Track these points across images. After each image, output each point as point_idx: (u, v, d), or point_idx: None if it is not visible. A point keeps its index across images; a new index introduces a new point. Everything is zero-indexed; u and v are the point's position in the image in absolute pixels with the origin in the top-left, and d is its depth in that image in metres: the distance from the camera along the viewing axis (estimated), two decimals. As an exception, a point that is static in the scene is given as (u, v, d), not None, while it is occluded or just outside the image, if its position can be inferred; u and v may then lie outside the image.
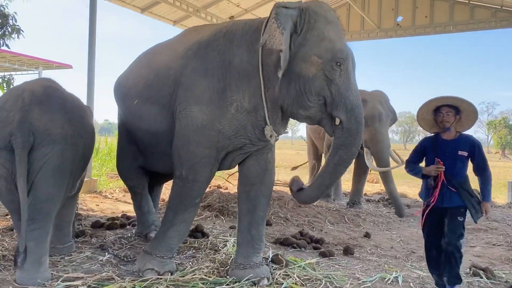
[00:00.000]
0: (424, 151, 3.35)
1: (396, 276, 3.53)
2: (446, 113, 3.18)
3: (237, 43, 3.10)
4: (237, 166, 3.50)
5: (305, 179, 10.19)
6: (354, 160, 7.37)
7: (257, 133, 3.13)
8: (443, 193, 3.15)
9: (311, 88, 2.88)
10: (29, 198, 2.82)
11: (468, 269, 3.78)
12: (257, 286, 3.10)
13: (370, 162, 6.67)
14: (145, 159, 3.96)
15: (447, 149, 3.19)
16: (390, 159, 6.84)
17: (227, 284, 3.07)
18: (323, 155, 8.44)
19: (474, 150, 3.18)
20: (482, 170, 3.22)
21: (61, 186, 2.98)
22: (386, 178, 6.76)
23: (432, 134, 3.36)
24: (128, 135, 4.03)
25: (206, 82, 3.10)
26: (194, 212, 3.30)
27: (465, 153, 3.17)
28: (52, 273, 3.04)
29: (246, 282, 3.11)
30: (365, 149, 6.68)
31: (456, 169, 3.16)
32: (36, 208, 2.83)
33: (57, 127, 2.89)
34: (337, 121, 2.91)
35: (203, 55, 3.15)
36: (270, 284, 3.17)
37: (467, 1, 10.64)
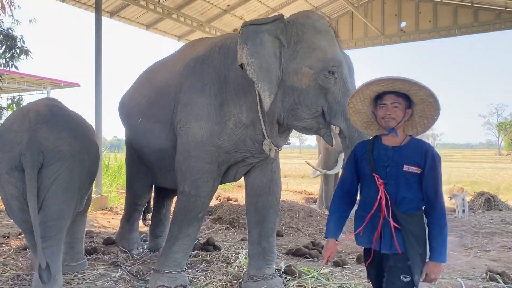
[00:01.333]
0: (357, 165, 2.22)
1: (411, 284, 3.47)
2: (391, 104, 2.08)
3: (232, 57, 3.10)
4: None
5: (316, 188, 10.13)
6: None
7: (257, 146, 3.15)
8: (380, 229, 2.07)
9: (305, 99, 2.85)
10: (40, 216, 2.84)
11: (484, 274, 3.73)
12: None
13: (316, 170, 6.84)
14: (153, 176, 3.99)
15: (389, 162, 2.09)
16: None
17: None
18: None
19: (426, 163, 2.05)
20: (432, 200, 2.06)
21: (71, 202, 3.02)
22: (326, 179, 7.14)
23: (370, 138, 2.27)
24: (137, 154, 4.07)
25: (203, 98, 3.13)
26: (198, 226, 3.30)
27: (415, 169, 2.06)
28: (66, 292, 3.05)
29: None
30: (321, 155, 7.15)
31: (401, 193, 2.06)
32: (47, 226, 2.84)
33: (65, 144, 2.93)
34: (337, 130, 2.85)
35: (200, 71, 3.18)
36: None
37: (470, 4, 10.64)
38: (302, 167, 20.92)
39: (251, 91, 3.00)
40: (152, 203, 4.65)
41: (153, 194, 4.62)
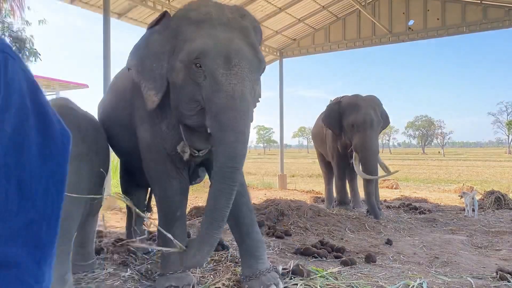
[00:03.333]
0: None
1: (420, 283, 3.46)
2: None
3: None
4: None
5: (322, 187, 10.13)
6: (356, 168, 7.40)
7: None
8: None
9: (183, 95, 2.77)
10: None
11: (494, 273, 3.70)
12: None
13: (358, 168, 6.74)
14: (134, 176, 4.15)
15: None
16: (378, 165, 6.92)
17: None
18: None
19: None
20: None
21: (78, 203, 3.04)
22: (369, 182, 6.75)
23: None
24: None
25: (144, 101, 3.17)
26: (181, 225, 3.30)
27: None
28: (76, 291, 3.08)
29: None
30: (354, 154, 6.84)
31: None
32: None
33: (73, 145, 2.94)
34: (208, 130, 2.70)
35: None
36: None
37: (479, 1, 10.56)
38: (309, 166, 20.89)
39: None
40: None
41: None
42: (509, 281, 3.51)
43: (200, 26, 2.74)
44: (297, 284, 3.29)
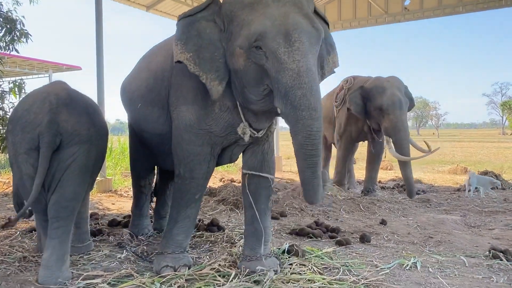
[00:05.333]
0: None
1: (414, 262, 3.50)
2: None
3: None
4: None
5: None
6: (367, 148, 7.52)
7: None
8: None
9: (248, 80, 2.73)
10: (54, 196, 2.94)
11: (487, 252, 3.75)
12: (264, 278, 3.06)
13: (394, 151, 6.50)
14: (155, 159, 4.07)
15: None
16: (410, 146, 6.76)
17: (235, 276, 3.03)
18: (333, 144, 8.39)
19: None
20: None
21: (84, 185, 3.12)
22: (404, 164, 6.56)
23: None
24: (138, 137, 4.14)
25: (190, 82, 3.10)
26: (196, 207, 3.31)
27: None
28: (72, 272, 3.09)
29: (254, 274, 3.08)
30: (385, 138, 6.67)
31: None
32: (62, 206, 2.93)
33: (84, 128, 3.02)
34: (279, 111, 2.66)
35: None
36: (286, 274, 3.15)
37: (476, -20, 10.44)
38: (305, 148, 20.84)
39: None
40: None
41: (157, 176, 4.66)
42: (501, 259, 3.55)
43: (254, 7, 2.68)
44: (292, 264, 3.32)
